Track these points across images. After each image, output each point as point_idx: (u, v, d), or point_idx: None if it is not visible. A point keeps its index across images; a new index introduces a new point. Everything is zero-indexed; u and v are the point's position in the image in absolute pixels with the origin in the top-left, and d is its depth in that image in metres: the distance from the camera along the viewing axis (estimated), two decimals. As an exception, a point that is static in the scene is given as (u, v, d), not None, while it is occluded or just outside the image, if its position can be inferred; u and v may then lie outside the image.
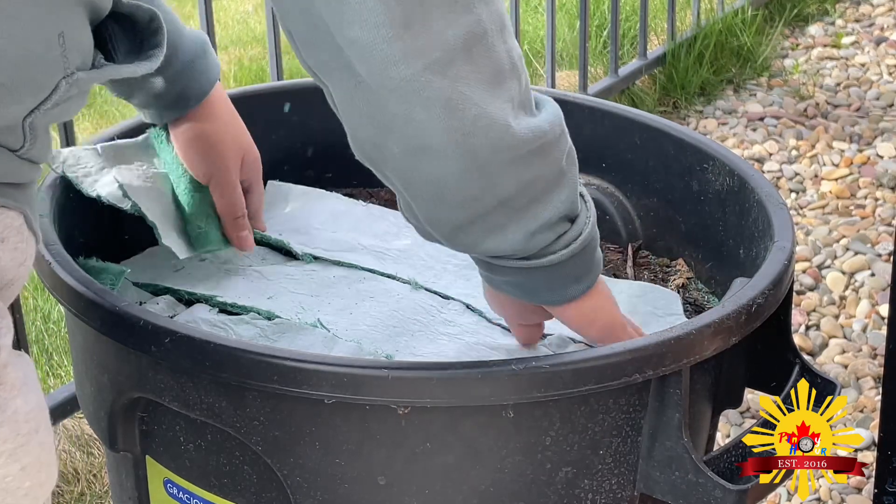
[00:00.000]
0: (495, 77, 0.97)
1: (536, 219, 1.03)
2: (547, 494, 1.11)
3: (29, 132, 0.93)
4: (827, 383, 1.20)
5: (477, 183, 0.99)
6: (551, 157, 1.02)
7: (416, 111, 0.95)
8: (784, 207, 1.27)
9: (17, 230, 0.93)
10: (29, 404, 0.88)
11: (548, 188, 1.03)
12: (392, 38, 0.92)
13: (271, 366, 1.05)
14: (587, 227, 1.07)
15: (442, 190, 1.00)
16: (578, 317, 1.12)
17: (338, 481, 1.09)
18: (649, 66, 3.29)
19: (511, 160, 0.99)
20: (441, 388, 1.04)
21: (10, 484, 0.86)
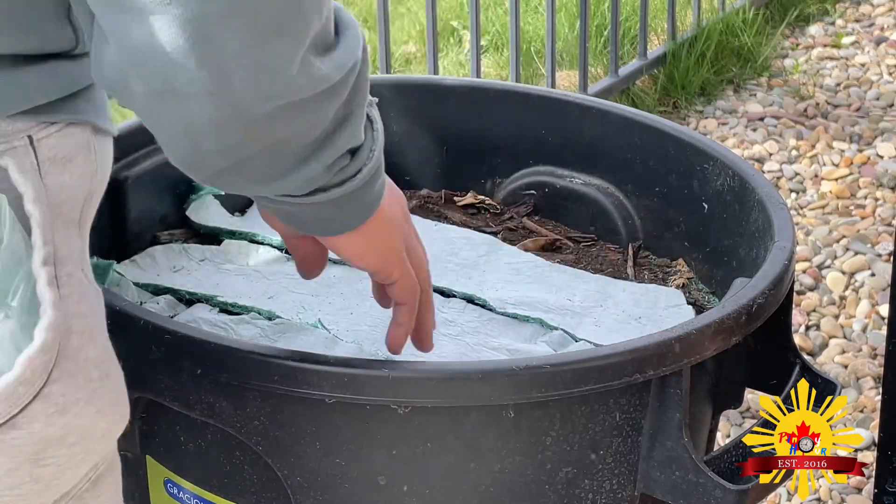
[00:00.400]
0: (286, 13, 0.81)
1: (312, 163, 0.90)
2: (547, 494, 1.11)
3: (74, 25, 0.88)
4: (827, 383, 1.20)
5: (238, 132, 0.84)
6: (336, 98, 0.88)
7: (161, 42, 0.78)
8: (784, 207, 1.27)
9: (85, 144, 0.90)
10: (99, 349, 0.89)
11: (328, 131, 0.89)
12: None
13: (272, 366, 1.05)
14: (370, 161, 0.95)
15: (195, 137, 0.85)
16: (346, 249, 1.03)
17: (338, 481, 1.09)
18: (649, 66, 3.29)
19: (283, 108, 0.84)
20: (441, 389, 1.04)
21: (89, 428, 0.88)
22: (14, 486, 0.85)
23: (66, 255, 0.88)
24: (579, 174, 1.45)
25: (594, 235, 1.44)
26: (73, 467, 0.88)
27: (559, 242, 1.43)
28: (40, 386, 0.84)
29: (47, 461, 0.86)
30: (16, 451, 0.84)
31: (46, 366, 0.84)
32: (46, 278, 0.84)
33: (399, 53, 3.55)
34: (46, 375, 0.84)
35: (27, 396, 0.83)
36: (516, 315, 1.26)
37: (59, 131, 0.89)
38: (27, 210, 0.85)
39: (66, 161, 0.89)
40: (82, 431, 0.87)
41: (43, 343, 0.83)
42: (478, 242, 1.38)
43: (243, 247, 1.36)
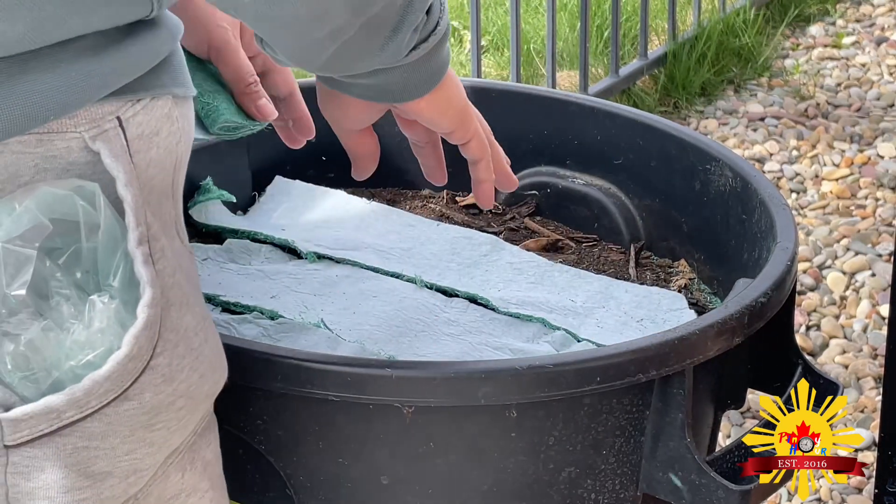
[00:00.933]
0: None
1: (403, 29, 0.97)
2: (550, 494, 1.11)
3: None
4: (829, 384, 1.20)
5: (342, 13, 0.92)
6: None
7: None
8: (786, 208, 1.28)
9: (167, 116, 0.93)
10: (196, 317, 0.93)
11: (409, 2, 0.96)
12: None
13: (275, 365, 1.05)
14: (442, 15, 1.02)
15: (305, 28, 0.93)
16: (430, 109, 1.10)
17: (341, 481, 1.09)
18: (650, 66, 3.29)
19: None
20: (444, 388, 1.04)
21: (194, 391, 0.92)
22: (131, 451, 0.89)
23: (158, 229, 0.91)
24: (581, 174, 1.45)
25: (596, 236, 1.45)
26: (182, 428, 0.93)
27: (561, 243, 1.43)
28: (147, 359, 0.88)
29: (158, 426, 0.90)
30: (130, 420, 0.88)
31: (151, 340, 0.88)
32: (142, 258, 0.88)
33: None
34: (152, 350, 0.88)
35: (136, 371, 0.87)
36: (519, 315, 1.26)
37: (143, 108, 0.91)
38: (120, 194, 0.88)
39: (153, 136, 0.92)
40: (188, 395, 0.92)
41: (146, 320, 0.87)
42: (480, 242, 1.39)
43: (246, 246, 1.36)
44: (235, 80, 1.22)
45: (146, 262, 0.88)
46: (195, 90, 0.97)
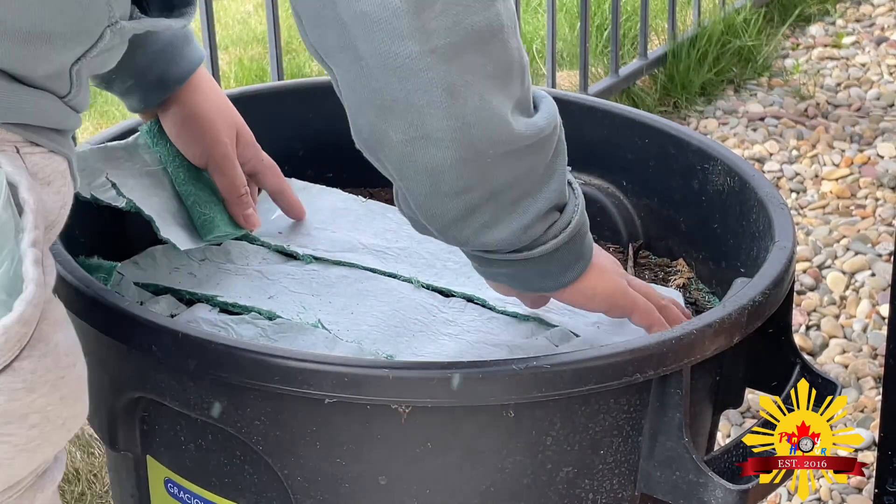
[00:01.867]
0: (504, 73, 0.98)
1: (527, 212, 1.05)
2: (547, 494, 1.11)
3: (75, 79, 0.96)
4: (828, 383, 1.20)
5: (472, 173, 1.00)
6: (544, 151, 1.04)
7: (417, 95, 0.95)
8: (785, 207, 1.27)
9: (61, 174, 0.97)
10: (68, 339, 0.93)
11: (539, 181, 1.05)
12: (404, 12, 0.92)
13: (272, 365, 1.05)
14: (576, 215, 1.09)
15: (438, 180, 1.00)
16: (576, 297, 1.14)
17: (339, 481, 1.09)
18: (650, 66, 3.29)
19: (506, 153, 1.00)
20: (442, 388, 1.04)
21: (51, 413, 0.90)
22: None
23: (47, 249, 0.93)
24: (580, 174, 1.45)
25: (594, 235, 1.43)
26: (28, 452, 0.90)
27: (559, 242, 1.42)
28: (11, 358, 0.87)
29: (4, 437, 0.89)
30: None
31: (21, 339, 0.87)
32: (33, 258, 0.88)
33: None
34: (19, 349, 0.87)
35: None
36: (516, 314, 1.26)
37: (42, 154, 0.95)
38: (22, 198, 0.90)
39: (45, 183, 0.95)
40: (44, 415, 0.90)
41: (21, 314, 0.86)
42: None
43: (244, 247, 1.36)
44: (229, 190, 1.32)
45: (36, 263, 0.88)
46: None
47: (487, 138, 0.98)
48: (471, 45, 0.95)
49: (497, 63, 0.97)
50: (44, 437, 0.91)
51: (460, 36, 0.94)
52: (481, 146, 0.98)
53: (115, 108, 3.24)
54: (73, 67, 0.96)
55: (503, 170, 1.01)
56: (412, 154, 0.99)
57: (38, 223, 0.89)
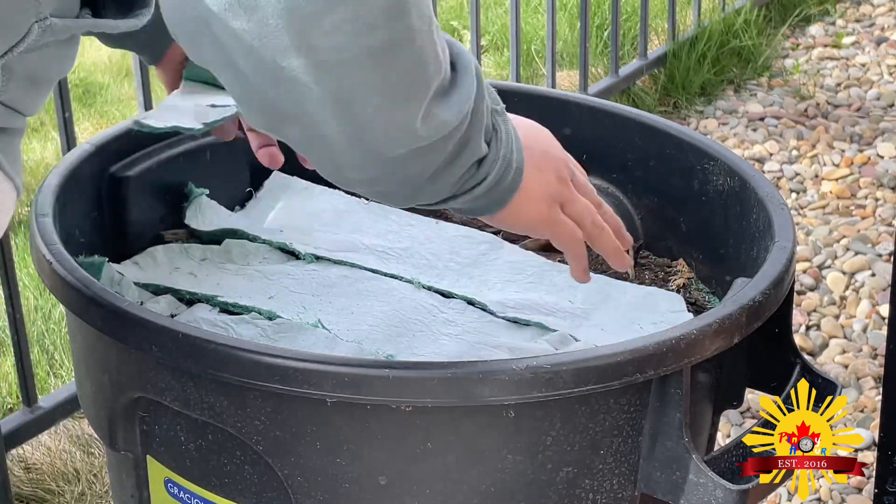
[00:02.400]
0: (410, 82, 0.93)
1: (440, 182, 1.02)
2: (548, 494, 1.11)
3: (2, 74, 0.93)
4: (828, 383, 1.20)
5: (376, 170, 0.98)
6: (454, 136, 0.99)
7: (308, 105, 0.92)
8: (785, 207, 1.27)
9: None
10: None
11: (451, 157, 1.00)
12: (283, 29, 0.87)
13: (273, 366, 1.05)
14: (494, 167, 1.05)
15: (342, 170, 0.98)
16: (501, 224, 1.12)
17: (339, 481, 1.09)
18: (650, 66, 3.29)
19: (411, 152, 0.97)
20: (442, 388, 1.04)
21: None
22: None
23: None
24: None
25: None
26: None
27: (560, 242, 1.42)
28: None
29: None
30: None
31: None
32: None
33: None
34: None
35: None
36: (517, 319, 1.26)
37: None
38: None
39: None
40: None
41: None
42: (478, 241, 1.38)
43: (244, 246, 1.36)
44: None
45: None
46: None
47: (385, 143, 0.95)
48: (365, 62, 0.90)
49: (402, 74, 0.92)
50: None
51: (352, 54, 0.89)
52: (381, 149, 0.96)
53: (114, 108, 3.24)
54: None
55: (408, 164, 0.98)
56: (312, 149, 0.97)
57: None
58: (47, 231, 1.21)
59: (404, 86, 0.93)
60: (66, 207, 1.28)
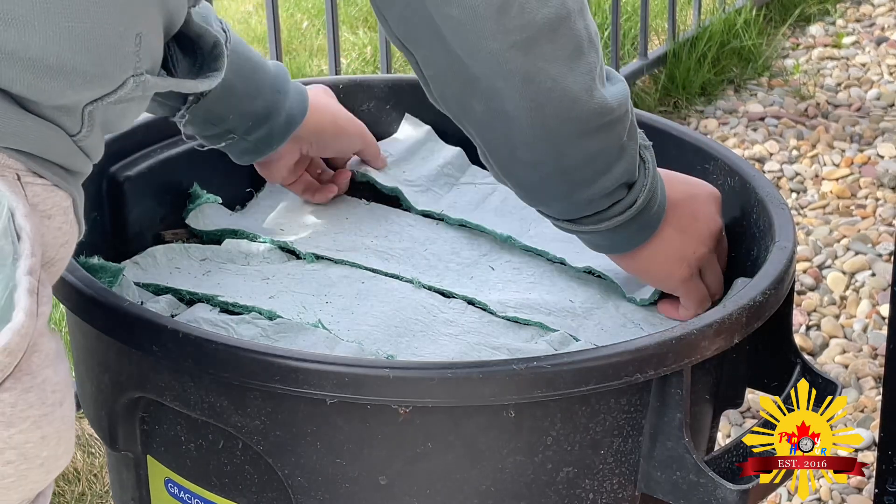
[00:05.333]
0: (575, 52, 1.08)
1: (595, 187, 1.14)
2: (548, 494, 1.11)
3: (87, 120, 0.95)
4: (828, 383, 1.20)
5: (544, 151, 1.11)
6: (615, 132, 1.12)
7: (498, 81, 1.06)
8: (785, 207, 1.28)
9: (63, 211, 0.95)
10: (58, 375, 0.89)
11: (608, 162, 1.13)
12: (487, 17, 1.03)
13: (273, 365, 1.05)
14: (642, 194, 1.17)
15: (514, 151, 1.12)
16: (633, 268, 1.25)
17: (339, 481, 1.09)
18: (650, 66, 3.29)
19: (578, 133, 1.10)
20: (442, 388, 1.04)
21: (30, 451, 0.87)
22: None
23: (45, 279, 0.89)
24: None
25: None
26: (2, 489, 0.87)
27: (560, 242, 1.42)
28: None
29: None
30: None
31: (4, 370, 0.83)
32: (28, 286, 0.85)
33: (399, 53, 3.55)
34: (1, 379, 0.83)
35: None
36: (517, 319, 1.26)
37: (44, 186, 0.93)
38: (18, 224, 0.87)
39: (45, 217, 0.93)
40: (21, 452, 0.86)
41: (7, 344, 0.83)
42: (479, 243, 1.38)
43: (244, 246, 1.36)
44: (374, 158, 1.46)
45: (31, 293, 0.84)
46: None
47: (559, 117, 1.08)
48: (542, 36, 1.05)
49: (566, 46, 1.07)
50: (19, 475, 0.87)
51: (534, 30, 1.05)
52: (553, 125, 1.09)
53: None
54: (86, 107, 0.94)
55: (574, 149, 1.11)
56: (492, 123, 1.11)
57: (36, 251, 0.86)
58: (47, 231, 1.20)
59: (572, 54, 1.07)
60: (66, 207, 1.28)
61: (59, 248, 0.95)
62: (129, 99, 0.97)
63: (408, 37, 1.09)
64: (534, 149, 1.11)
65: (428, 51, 1.08)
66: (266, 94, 1.32)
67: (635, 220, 1.18)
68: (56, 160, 0.94)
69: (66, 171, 0.95)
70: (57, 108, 0.93)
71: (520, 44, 1.05)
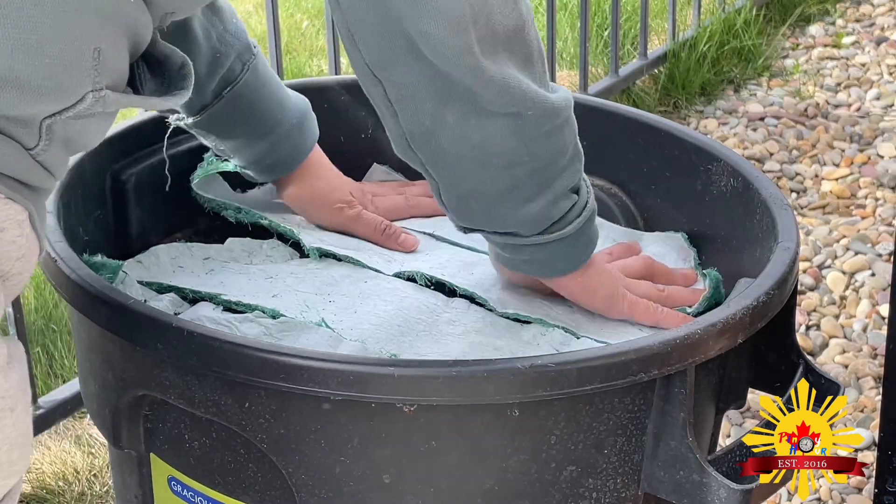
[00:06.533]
0: (527, 61, 1.11)
1: (557, 188, 1.16)
2: (551, 493, 1.11)
3: (45, 134, 0.95)
4: (830, 384, 1.20)
5: (518, 149, 1.12)
6: (571, 129, 1.16)
7: (475, 84, 1.08)
8: (788, 208, 1.28)
9: (18, 224, 0.95)
10: (8, 382, 0.90)
11: (570, 159, 1.16)
12: (463, 30, 1.05)
13: (277, 364, 1.05)
14: (590, 196, 1.20)
15: (489, 154, 1.12)
16: (579, 293, 1.24)
17: (343, 479, 1.09)
18: (650, 66, 3.29)
19: (548, 131, 1.13)
20: (446, 387, 1.04)
21: None
22: None
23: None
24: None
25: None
26: None
27: (562, 242, 1.42)
28: None
29: None
30: None
31: None
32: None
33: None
34: None
35: None
36: (518, 316, 1.26)
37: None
38: None
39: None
40: None
41: None
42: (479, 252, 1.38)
43: (247, 245, 1.36)
44: (372, 235, 1.38)
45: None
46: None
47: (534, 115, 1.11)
48: (502, 45, 1.08)
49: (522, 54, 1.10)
50: None
51: (497, 40, 1.08)
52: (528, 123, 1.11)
53: (115, 106, 3.24)
54: (44, 121, 0.94)
55: (543, 147, 1.13)
56: (467, 132, 1.11)
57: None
58: (51, 229, 1.21)
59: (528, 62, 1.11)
60: (69, 206, 1.28)
61: (14, 261, 0.95)
62: (89, 114, 0.97)
63: (381, 62, 1.09)
64: (508, 148, 1.12)
65: (402, 73, 1.09)
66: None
67: (587, 226, 1.21)
68: (10, 173, 0.94)
69: (23, 184, 0.95)
70: (10, 119, 0.92)
71: (490, 52, 1.07)
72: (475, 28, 1.06)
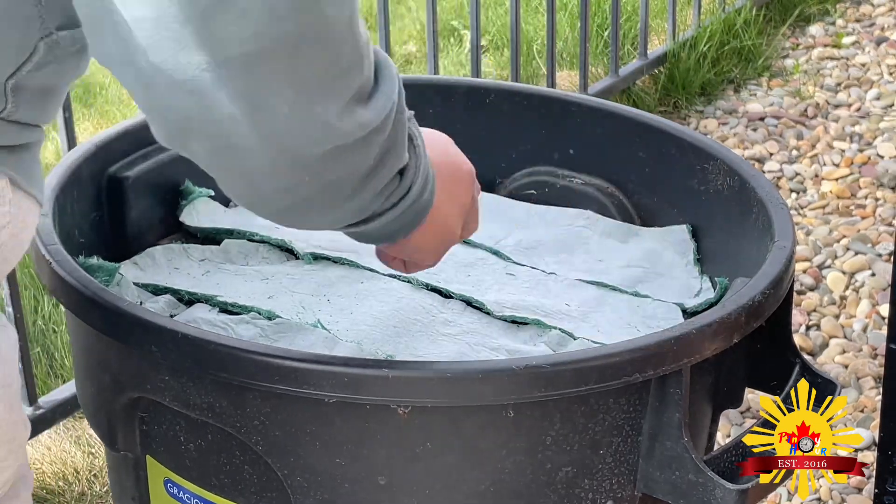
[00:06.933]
0: (328, 75, 0.87)
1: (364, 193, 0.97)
2: (547, 494, 1.11)
3: (11, 95, 0.89)
4: (827, 383, 1.20)
5: (295, 175, 0.91)
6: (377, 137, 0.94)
7: (214, 111, 0.85)
8: (784, 207, 1.28)
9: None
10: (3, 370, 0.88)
11: (374, 163, 0.95)
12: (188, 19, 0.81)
13: (272, 365, 1.05)
14: (417, 177, 1.01)
15: (255, 184, 0.92)
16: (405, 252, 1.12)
17: (338, 481, 1.09)
18: (650, 66, 3.29)
19: (332, 151, 0.90)
20: (441, 388, 1.04)
21: None
22: None
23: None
24: (579, 174, 1.45)
25: (594, 235, 1.44)
26: None
27: (559, 242, 1.42)
28: None
29: None
30: None
31: None
32: None
33: (399, 53, 3.55)
34: None
35: None
36: (514, 318, 1.26)
37: None
38: None
39: None
40: None
41: None
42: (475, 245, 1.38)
43: (243, 246, 1.36)
44: None
45: None
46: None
47: (303, 141, 0.89)
48: (279, 54, 0.83)
49: (319, 66, 0.86)
50: None
51: (263, 45, 0.82)
52: (299, 150, 0.89)
53: (115, 108, 3.24)
54: (7, 83, 0.89)
55: (330, 167, 0.92)
56: (221, 162, 0.91)
57: None
58: (47, 231, 1.21)
59: (320, 79, 0.87)
60: (65, 207, 1.28)
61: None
62: (48, 62, 0.90)
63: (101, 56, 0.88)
64: (279, 177, 0.91)
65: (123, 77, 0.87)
66: None
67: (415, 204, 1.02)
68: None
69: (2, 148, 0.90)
70: None
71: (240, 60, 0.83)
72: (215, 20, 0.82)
